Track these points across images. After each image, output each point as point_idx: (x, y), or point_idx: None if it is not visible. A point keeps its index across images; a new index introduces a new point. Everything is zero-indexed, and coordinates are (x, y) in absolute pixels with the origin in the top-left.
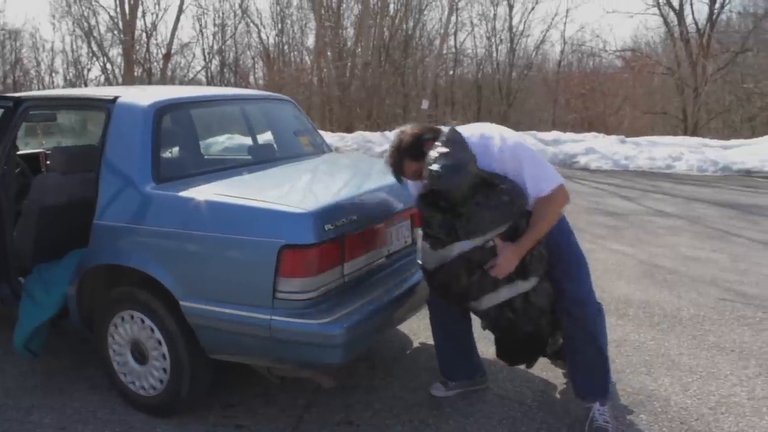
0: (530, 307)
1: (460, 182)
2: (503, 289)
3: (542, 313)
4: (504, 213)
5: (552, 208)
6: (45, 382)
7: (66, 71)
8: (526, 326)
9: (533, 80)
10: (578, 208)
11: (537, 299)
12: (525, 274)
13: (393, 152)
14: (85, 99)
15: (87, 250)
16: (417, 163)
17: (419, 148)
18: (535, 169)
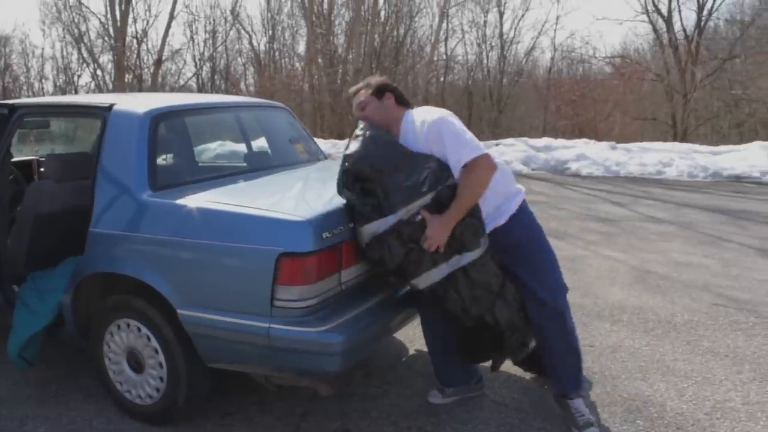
0: (472, 283)
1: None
2: (442, 265)
3: (488, 293)
4: (421, 184)
5: (474, 176)
6: (39, 391)
7: (56, 78)
8: (473, 307)
9: (524, 87)
10: (570, 214)
11: (478, 275)
12: (460, 247)
13: (363, 82)
14: (81, 106)
15: (82, 258)
16: (371, 96)
17: (383, 90)
18: (455, 141)
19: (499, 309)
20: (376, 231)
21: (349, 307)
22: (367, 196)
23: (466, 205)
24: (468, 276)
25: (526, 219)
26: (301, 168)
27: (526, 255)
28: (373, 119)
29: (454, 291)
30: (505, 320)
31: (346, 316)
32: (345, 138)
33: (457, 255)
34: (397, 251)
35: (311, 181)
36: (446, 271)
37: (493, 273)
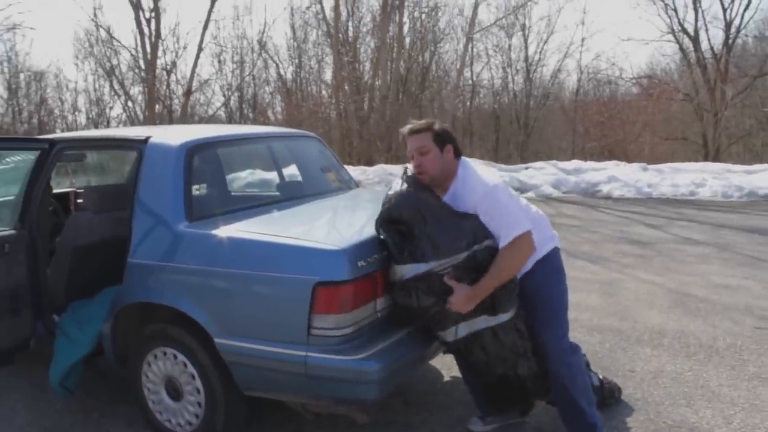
0: (500, 344)
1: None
2: (470, 322)
3: (513, 354)
4: (462, 241)
5: (513, 256)
6: (82, 419)
7: (89, 110)
8: (497, 366)
9: (551, 109)
10: (603, 237)
11: (505, 336)
12: (493, 309)
13: (423, 122)
14: (117, 140)
15: (121, 288)
16: (433, 144)
17: (445, 140)
18: (503, 213)
19: (521, 366)
20: (404, 275)
21: (385, 335)
22: (403, 238)
23: (498, 283)
24: (496, 336)
25: (549, 268)
26: (334, 196)
27: (536, 306)
28: (430, 169)
29: (479, 348)
30: (527, 375)
31: (382, 343)
32: (374, 164)
33: (486, 315)
34: (425, 301)
35: (345, 209)
36: (474, 329)
37: (519, 334)
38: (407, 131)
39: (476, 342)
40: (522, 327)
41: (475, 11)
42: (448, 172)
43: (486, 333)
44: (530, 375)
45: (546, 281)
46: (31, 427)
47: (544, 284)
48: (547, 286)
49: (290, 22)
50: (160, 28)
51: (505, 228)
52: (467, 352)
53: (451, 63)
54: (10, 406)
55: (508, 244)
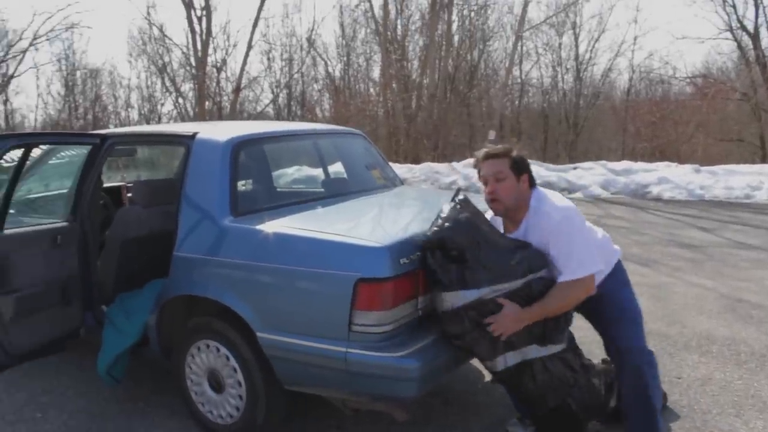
0: (549, 374)
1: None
2: (521, 350)
3: (565, 384)
4: (517, 268)
5: (572, 294)
6: (128, 407)
7: (141, 106)
8: (548, 396)
9: (601, 109)
10: (653, 239)
11: (554, 367)
12: (543, 339)
13: (501, 148)
14: (166, 135)
15: (166, 281)
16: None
17: (522, 169)
18: (572, 248)
19: (574, 397)
20: (454, 304)
21: (425, 333)
22: (452, 262)
23: (548, 313)
24: (545, 367)
25: (618, 277)
26: (378, 194)
27: (615, 306)
28: (505, 198)
29: (529, 378)
30: (578, 406)
31: (423, 341)
32: (420, 162)
33: (537, 345)
34: (475, 329)
35: (389, 206)
36: (523, 358)
37: (570, 368)
38: (483, 155)
39: (526, 372)
40: (573, 362)
41: (524, 9)
42: (521, 203)
43: (536, 363)
44: (582, 406)
45: (617, 287)
46: (80, 413)
47: (616, 289)
48: (619, 290)
49: (339, 19)
50: (210, 26)
51: (576, 263)
52: (517, 382)
53: (500, 61)
54: (61, 392)
55: (573, 280)
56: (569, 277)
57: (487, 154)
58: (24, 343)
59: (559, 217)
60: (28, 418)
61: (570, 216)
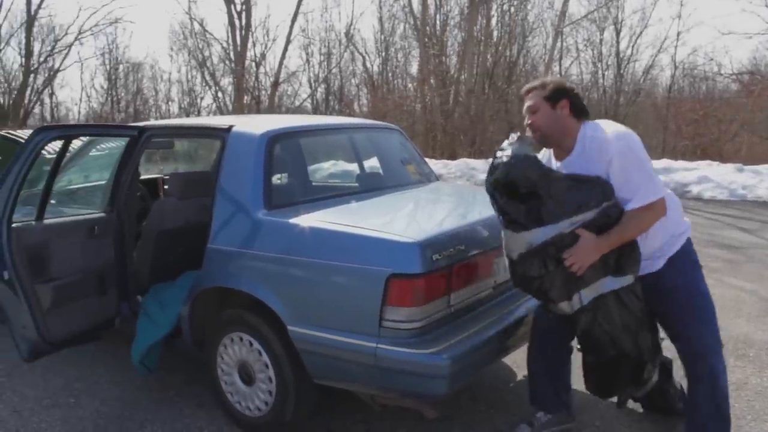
0: (625, 310)
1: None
2: (593, 286)
3: (639, 322)
4: (591, 198)
5: (648, 216)
6: (158, 396)
7: (181, 100)
8: (622, 337)
9: (642, 106)
10: (692, 240)
11: (629, 300)
12: (619, 268)
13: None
14: (202, 128)
15: (200, 273)
16: (543, 101)
17: (558, 95)
18: (641, 172)
19: (643, 338)
20: (533, 243)
21: (457, 330)
22: (523, 202)
23: (625, 237)
24: (621, 301)
25: (685, 263)
26: (413, 189)
27: (681, 303)
28: (542, 126)
29: (603, 317)
30: (647, 349)
31: (454, 338)
32: (457, 158)
33: (611, 276)
34: (546, 266)
35: (423, 202)
36: (599, 291)
37: (640, 300)
38: (522, 91)
39: (600, 310)
40: (640, 293)
41: (565, 4)
42: (564, 130)
43: (610, 298)
44: (650, 350)
45: (689, 274)
46: (113, 401)
47: (687, 278)
48: (691, 278)
49: (377, 14)
50: (250, 21)
51: (644, 191)
52: (590, 326)
53: (540, 57)
54: (95, 380)
55: (646, 204)
56: (641, 203)
57: (525, 89)
58: (61, 331)
59: (622, 142)
60: (63, 404)
61: (632, 141)
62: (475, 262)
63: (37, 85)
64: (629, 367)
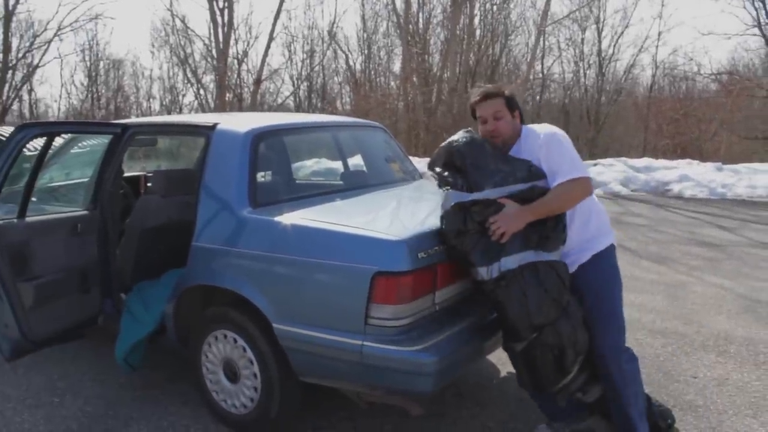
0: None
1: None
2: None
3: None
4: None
5: (569, 188)
6: (142, 394)
7: (162, 97)
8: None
9: (623, 105)
10: (672, 237)
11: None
12: (538, 245)
13: (494, 87)
14: (186, 125)
15: (184, 271)
16: (506, 111)
17: (515, 106)
18: (562, 155)
19: (561, 324)
20: (460, 199)
21: (442, 328)
22: (458, 172)
23: (550, 208)
24: (538, 276)
25: (606, 263)
26: (397, 187)
27: (595, 302)
28: (504, 133)
29: (519, 290)
30: (567, 336)
31: (439, 336)
32: None
33: (533, 251)
34: (474, 228)
35: (407, 200)
36: (517, 262)
37: (562, 286)
38: (480, 96)
39: (517, 282)
40: (565, 277)
41: (548, 3)
42: (515, 133)
43: (527, 271)
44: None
45: (604, 277)
46: (96, 399)
47: (601, 280)
48: (604, 282)
49: (361, 12)
50: (233, 18)
51: (568, 166)
52: (505, 297)
53: (522, 56)
54: (78, 378)
55: (570, 179)
56: (566, 177)
57: (484, 94)
58: (43, 329)
59: (549, 132)
60: (46, 403)
61: (557, 132)
62: None
63: (15, 82)
64: (548, 353)
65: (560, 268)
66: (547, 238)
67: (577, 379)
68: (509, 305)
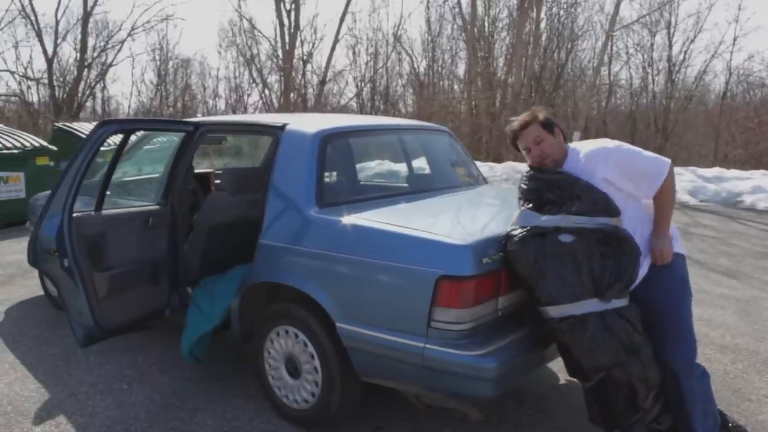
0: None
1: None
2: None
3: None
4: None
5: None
6: (207, 387)
7: (228, 96)
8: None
9: (693, 113)
10: (744, 251)
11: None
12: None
13: (526, 115)
14: (256, 125)
15: (250, 267)
16: (546, 134)
17: (552, 124)
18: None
19: (631, 364)
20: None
21: (504, 334)
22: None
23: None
24: (605, 322)
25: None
26: (462, 191)
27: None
28: (552, 153)
29: (582, 334)
30: (636, 375)
31: (501, 342)
32: (502, 161)
33: (598, 300)
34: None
35: (473, 205)
36: (581, 310)
37: (631, 329)
38: (516, 127)
39: (581, 326)
40: (635, 321)
41: (616, 8)
42: (563, 152)
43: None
44: (640, 377)
45: (673, 288)
46: (162, 389)
47: (670, 292)
48: (673, 294)
49: (426, 15)
50: (299, 20)
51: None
52: (569, 339)
53: (588, 61)
54: (145, 368)
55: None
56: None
57: (520, 125)
58: (115, 319)
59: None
60: (116, 389)
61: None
62: None
63: (90, 80)
64: (619, 391)
65: (630, 314)
66: (611, 285)
67: (651, 411)
68: (572, 347)
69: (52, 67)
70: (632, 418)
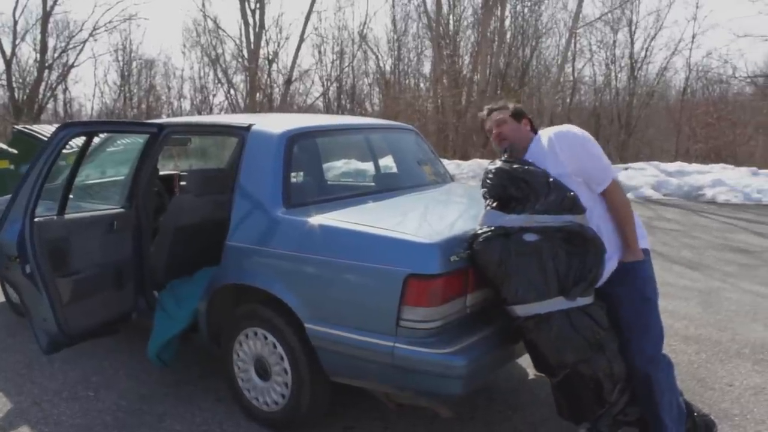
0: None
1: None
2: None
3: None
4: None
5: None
6: (175, 391)
7: (193, 97)
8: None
9: (655, 108)
10: (705, 243)
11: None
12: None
13: (502, 102)
14: (222, 126)
15: (217, 269)
16: (510, 119)
17: (521, 114)
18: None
19: (596, 360)
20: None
21: (473, 331)
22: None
23: (632, 225)
24: (569, 320)
25: (641, 269)
26: (429, 190)
27: (630, 308)
28: (509, 135)
29: (548, 331)
30: (602, 370)
31: (470, 339)
32: (469, 159)
33: (563, 297)
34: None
35: (439, 203)
36: (546, 308)
37: (596, 327)
38: (486, 112)
39: (546, 324)
40: (599, 318)
41: (579, 6)
42: (525, 140)
43: (557, 315)
44: (606, 371)
45: (639, 284)
46: (129, 394)
47: (636, 288)
48: (639, 289)
49: (391, 14)
50: (264, 19)
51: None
52: (535, 336)
53: (553, 58)
54: (112, 373)
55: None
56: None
57: (489, 109)
58: (79, 324)
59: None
60: (82, 396)
61: (572, 129)
62: None
63: (51, 81)
64: (585, 386)
65: (595, 311)
66: (576, 283)
67: (617, 403)
68: (539, 344)
69: (11, 68)
70: (599, 412)
